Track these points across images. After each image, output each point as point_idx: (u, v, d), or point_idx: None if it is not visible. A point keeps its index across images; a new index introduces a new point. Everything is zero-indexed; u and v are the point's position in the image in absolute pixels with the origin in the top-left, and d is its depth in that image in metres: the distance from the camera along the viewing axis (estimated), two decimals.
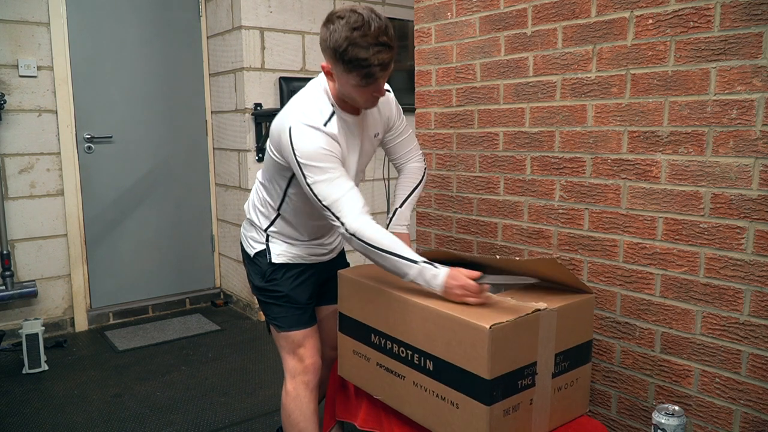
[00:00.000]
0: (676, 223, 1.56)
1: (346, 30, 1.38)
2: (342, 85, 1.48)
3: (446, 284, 1.38)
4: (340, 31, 1.38)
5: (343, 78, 1.46)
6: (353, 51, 1.38)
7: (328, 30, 1.42)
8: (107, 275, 3.56)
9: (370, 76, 1.41)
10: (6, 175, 3.15)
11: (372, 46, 1.38)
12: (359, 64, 1.39)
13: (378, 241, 1.44)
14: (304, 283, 1.73)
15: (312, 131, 1.48)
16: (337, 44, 1.39)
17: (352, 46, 1.37)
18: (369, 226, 1.46)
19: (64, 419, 2.41)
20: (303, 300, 1.72)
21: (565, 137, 1.80)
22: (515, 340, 1.28)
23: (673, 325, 1.59)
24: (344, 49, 1.38)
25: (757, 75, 1.38)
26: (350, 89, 1.47)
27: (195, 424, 2.36)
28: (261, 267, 1.72)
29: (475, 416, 1.26)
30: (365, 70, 1.39)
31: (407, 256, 1.43)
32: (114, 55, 3.49)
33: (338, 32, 1.39)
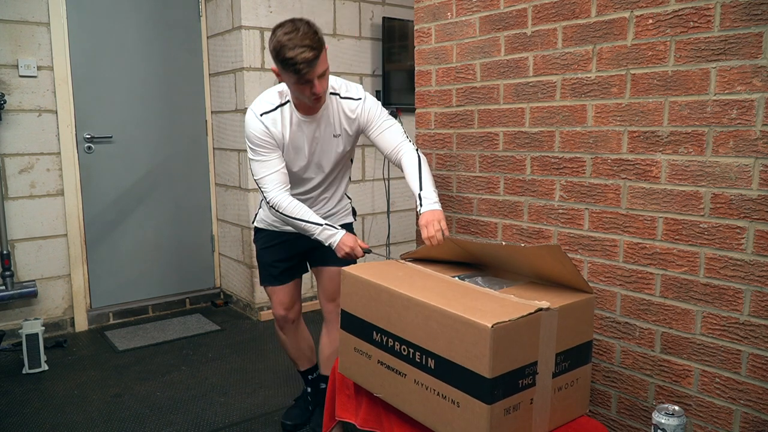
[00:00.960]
0: (676, 223, 1.56)
1: (280, 35, 1.70)
2: (286, 83, 1.81)
3: (338, 243, 1.84)
4: (277, 37, 1.71)
5: (284, 77, 1.77)
6: (283, 52, 1.69)
7: (272, 37, 1.73)
8: (107, 275, 3.57)
9: (298, 72, 1.69)
10: (6, 175, 3.15)
11: (297, 47, 1.68)
12: (288, 62, 1.69)
13: (291, 211, 1.86)
14: (271, 248, 2.13)
15: (254, 119, 1.88)
16: (274, 48, 1.71)
17: (282, 48, 1.69)
18: (285, 200, 1.87)
19: (64, 419, 2.41)
20: (268, 260, 2.15)
21: (565, 137, 1.80)
22: (517, 339, 1.28)
23: (673, 325, 1.59)
24: (278, 50, 1.70)
25: (757, 75, 1.38)
26: (292, 86, 1.79)
27: (195, 424, 2.37)
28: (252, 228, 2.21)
29: (475, 415, 1.27)
30: (293, 67, 1.68)
31: (313, 221, 1.86)
32: (114, 55, 3.49)
33: (275, 38, 1.71)
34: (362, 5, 3.89)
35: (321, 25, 3.65)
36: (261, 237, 2.16)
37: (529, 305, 1.34)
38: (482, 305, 1.36)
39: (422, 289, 1.47)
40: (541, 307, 1.32)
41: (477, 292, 1.46)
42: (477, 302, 1.38)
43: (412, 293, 1.44)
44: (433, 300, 1.38)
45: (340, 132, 1.98)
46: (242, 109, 3.48)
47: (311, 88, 1.75)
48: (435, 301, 1.38)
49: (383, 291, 1.51)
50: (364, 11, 3.91)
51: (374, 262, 1.72)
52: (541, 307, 1.32)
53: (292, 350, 2.27)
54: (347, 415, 1.72)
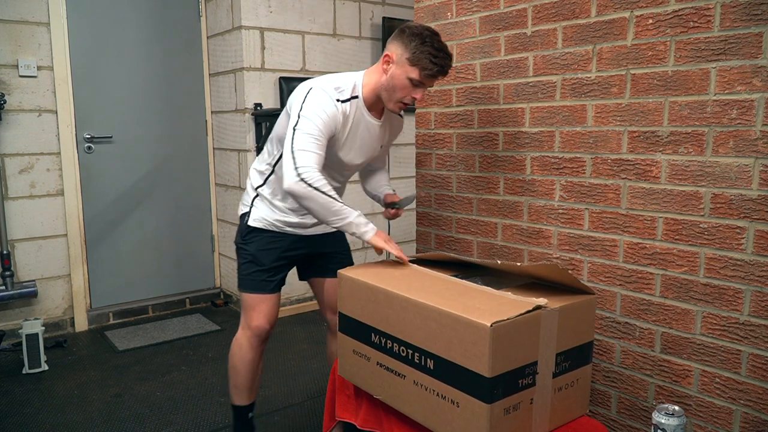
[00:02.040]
0: (676, 223, 1.56)
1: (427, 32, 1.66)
2: (395, 75, 1.69)
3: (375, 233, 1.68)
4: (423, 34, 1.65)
5: (402, 68, 1.67)
6: (428, 47, 1.63)
7: (412, 26, 1.69)
8: (107, 275, 3.57)
9: (430, 71, 1.65)
10: (6, 175, 3.15)
11: (442, 51, 1.66)
12: (429, 59, 1.63)
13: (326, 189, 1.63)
14: (271, 251, 1.92)
15: (327, 99, 1.70)
16: (422, 35, 1.64)
17: (428, 43, 1.64)
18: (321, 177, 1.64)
19: (64, 419, 2.41)
20: (266, 264, 1.91)
21: (565, 137, 1.80)
22: (516, 339, 1.28)
23: (673, 325, 1.59)
24: (425, 40, 1.64)
25: (757, 75, 1.38)
26: (401, 82, 1.68)
27: (195, 424, 2.37)
28: (241, 227, 1.95)
29: (475, 415, 1.27)
30: (430, 65, 1.64)
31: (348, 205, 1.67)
32: (114, 55, 3.49)
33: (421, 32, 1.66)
34: (362, 5, 3.89)
35: (321, 25, 3.68)
36: (258, 238, 1.92)
37: (528, 302, 1.33)
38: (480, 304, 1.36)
39: (420, 289, 1.47)
40: (539, 304, 1.32)
41: (475, 290, 1.46)
42: (475, 301, 1.38)
43: (410, 294, 1.44)
44: (431, 300, 1.38)
45: (384, 144, 1.95)
46: (242, 109, 3.48)
47: (416, 93, 1.70)
48: (433, 301, 1.38)
49: (380, 292, 1.51)
50: (364, 11, 3.91)
51: (371, 263, 1.72)
52: (539, 304, 1.32)
53: (251, 375, 1.97)
54: (347, 416, 1.72)
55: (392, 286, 1.51)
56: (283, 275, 1.98)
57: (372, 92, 1.77)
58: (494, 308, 1.32)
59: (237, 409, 2.01)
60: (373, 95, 1.77)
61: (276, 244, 1.92)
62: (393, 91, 1.71)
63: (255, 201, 1.93)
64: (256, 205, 1.93)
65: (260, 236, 1.92)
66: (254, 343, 1.93)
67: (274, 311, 1.95)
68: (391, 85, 1.70)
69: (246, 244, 1.93)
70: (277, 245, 1.93)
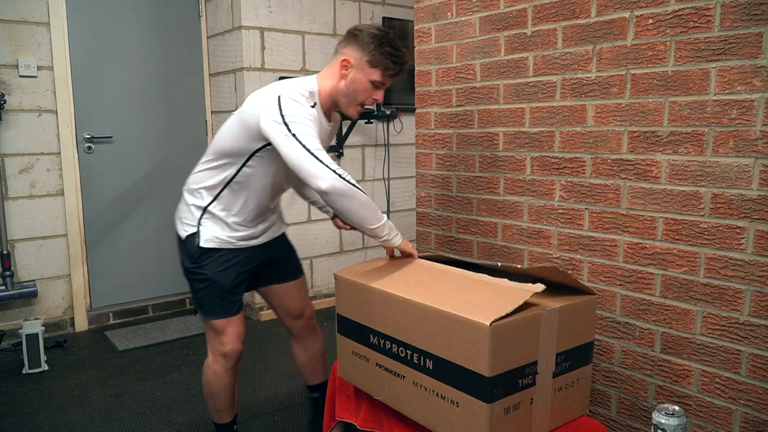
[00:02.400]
0: (676, 223, 1.56)
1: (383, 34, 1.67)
2: (356, 80, 1.68)
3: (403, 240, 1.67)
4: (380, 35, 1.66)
5: (363, 71, 1.67)
6: (387, 48, 1.65)
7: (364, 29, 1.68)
8: (107, 275, 3.56)
9: (391, 70, 1.67)
10: (6, 175, 3.15)
11: (400, 50, 1.68)
12: (390, 58, 1.65)
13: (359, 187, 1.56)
14: (229, 269, 1.81)
15: (303, 101, 1.64)
16: (378, 36, 1.65)
17: (389, 43, 1.65)
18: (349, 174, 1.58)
19: (64, 419, 2.41)
20: (227, 285, 1.80)
21: (565, 137, 1.80)
22: (516, 339, 1.28)
23: (673, 325, 1.59)
24: (382, 41, 1.64)
25: (757, 75, 1.38)
26: (362, 85, 1.68)
27: (195, 424, 2.36)
28: (190, 250, 1.81)
29: (475, 414, 1.27)
30: (392, 64, 1.66)
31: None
32: (114, 55, 3.49)
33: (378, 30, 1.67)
34: (362, 5, 3.89)
35: (321, 25, 3.68)
36: (213, 259, 1.79)
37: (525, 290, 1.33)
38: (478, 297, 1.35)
39: (417, 285, 1.47)
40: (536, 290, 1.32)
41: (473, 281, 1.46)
42: (473, 294, 1.37)
43: (408, 294, 1.43)
44: (428, 299, 1.38)
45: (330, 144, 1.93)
46: None
47: (377, 94, 1.71)
48: (431, 300, 1.37)
49: (377, 294, 1.51)
50: (364, 11, 3.91)
51: (365, 262, 1.72)
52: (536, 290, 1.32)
53: (230, 396, 1.93)
54: (347, 416, 1.72)
55: (389, 285, 1.50)
56: (243, 293, 1.89)
57: (328, 98, 1.73)
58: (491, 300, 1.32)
59: (222, 427, 1.99)
60: (329, 101, 1.74)
61: (233, 261, 1.82)
62: (354, 95, 1.70)
63: (203, 220, 1.81)
64: (205, 224, 1.80)
65: (215, 256, 1.80)
66: (229, 366, 1.86)
67: (243, 329, 1.88)
68: (352, 89, 1.69)
69: (200, 267, 1.80)
70: (235, 262, 1.82)
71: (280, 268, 1.99)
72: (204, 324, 1.88)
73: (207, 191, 1.80)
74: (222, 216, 1.80)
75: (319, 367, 2.16)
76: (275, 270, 1.98)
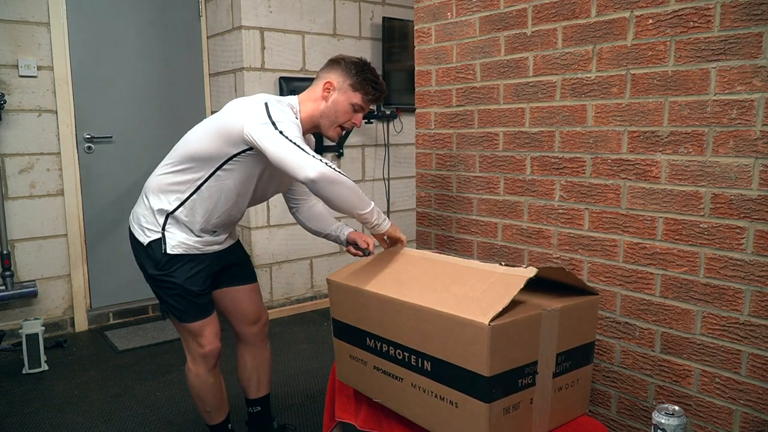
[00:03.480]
0: (676, 223, 1.56)
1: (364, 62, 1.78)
2: (338, 102, 1.76)
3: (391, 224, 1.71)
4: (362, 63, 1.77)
5: (345, 94, 1.76)
6: (368, 74, 1.76)
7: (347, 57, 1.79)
8: (107, 275, 3.56)
9: (371, 96, 1.76)
10: (6, 175, 3.15)
11: (380, 78, 1.80)
12: (371, 85, 1.75)
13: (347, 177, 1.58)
14: (197, 274, 1.82)
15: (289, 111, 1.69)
16: (360, 63, 1.76)
17: (368, 71, 1.76)
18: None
19: (64, 419, 2.41)
20: (196, 290, 1.81)
21: (565, 137, 1.80)
22: (516, 338, 1.27)
23: (673, 325, 1.59)
24: (364, 68, 1.76)
25: (757, 75, 1.38)
26: (343, 107, 1.76)
27: (195, 424, 2.36)
28: (156, 256, 1.80)
29: (475, 414, 1.26)
30: (372, 90, 1.75)
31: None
32: (114, 55, 3.49)
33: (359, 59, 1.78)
34: (362, 5, 3.89)
35: (321, 25, 3.68)
36: (180, 265, 1.79)
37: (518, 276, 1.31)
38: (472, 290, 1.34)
39: (410, 282, 1.46)
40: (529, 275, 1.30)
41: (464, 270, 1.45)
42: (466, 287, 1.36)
43: (402, 294, 1.42)
44: (423, 299, 1.37)
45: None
46: None
47: (357, 118, 1.79)
48: (426, 300, 1.36)
49: (372, 297, 1.51)
50: (364, 11, 3.91)
51: (356, 263, 1.71)
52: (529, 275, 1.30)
53: (218, 396, 1.95)
54: (347, 416, 1.72)
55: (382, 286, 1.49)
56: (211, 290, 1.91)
57: (308, 120, 1.78)
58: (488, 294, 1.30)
59: (216, 428, 2.00)
60: (308, 122, 1.79)
61: (200, 266, 1.82)
62: (335, 116, 1.77)
63: (167, 226, 1.79)
64: (170, 230, 1.79)
65: (182, 262, 1.79)
66: (211, 365, 1.88)
67: (218, 328, 1.89)
68: (333, 110, 1.76)
69: (168, 275, 1.79)
70: (201, 266, 1.83)
71: (237, 272, 1.99)
72: (177, 329, 1.88)
73: (173, 196, 1.79)
74: (187, 222, 1.79)
75: (264, 378, 2.12)
76: (234, 273, 1.98)
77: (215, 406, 1.95)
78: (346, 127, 1.81)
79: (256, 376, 2.09)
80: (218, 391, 1.94)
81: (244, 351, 2.08)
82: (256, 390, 2.12)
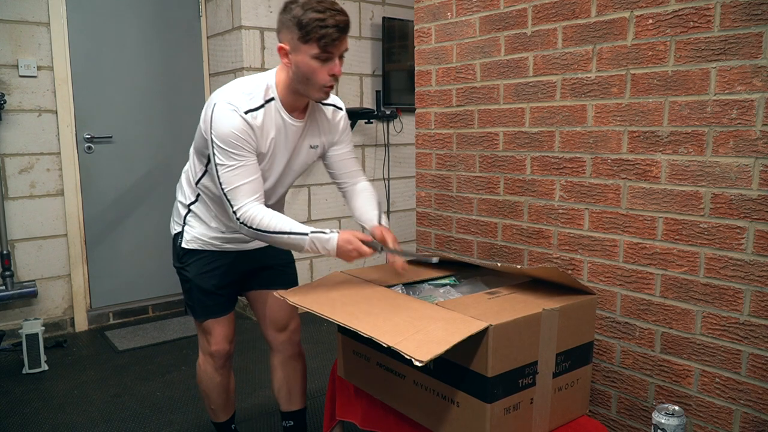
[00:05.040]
0: (676, 223, 1.56)
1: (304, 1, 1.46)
2: (299, 63, 1.49)
3: (339, 247, 1.49)
4: (301, 3, 1.45)
5: (301, 52, 1.48)
6: (311, 14, 1.42)
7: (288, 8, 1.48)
8: (107, 275, 3.56)
9: (327, 37, 1.44)
10: (6, 175, 3.15)
11: (328, 10, 1.44)
12: (317, 25, 1.42)
13: (270, 224, 1.51)
14: (212, 272, 1.76)
15: (232, 114, 1.51)
16: (296, 13, 1.44)
17: (309, 11, 1.43)
18: (260, 212, 1.52)
19: (64, 419, 2.41)
20: (208, 287, 1.76)
21: (565, 137, 1.80)
22: (516, 339, 1.28)
23: (673, 325, 1.59)
24: (302, 14, 1.43)
25: (757, 75, 1.38)
26: (308, 65, 1.48)
27: (195, 424, 2.36)
28: (175, 249, 1.81)
29: (475, 414, 1.27)
30: (323, 30, 1.43)
31: (297, 231, 1.50)
32: (114, 55, 3.49)
33: (298, 3, 1.46)
34: (362, 5, 3.89)
35: None
36: (195, 260, 1.76)
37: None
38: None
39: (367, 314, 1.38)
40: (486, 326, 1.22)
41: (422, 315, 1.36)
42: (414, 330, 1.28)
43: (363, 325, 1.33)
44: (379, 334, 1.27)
45: (318, 143, 1.72)
46: None
47: (332, 68, 1.50)
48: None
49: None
50: (364, 11, 3.91)
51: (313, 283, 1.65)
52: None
53: (222, 395, 1.92)
54: (348, 415, 1.72)
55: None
56: (230, 293, 1.83)
57: (287, 90, 1.58)
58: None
59: (219, 426, 2.00)
60: (289, 93, 1.58)
61: (216, 264, 1.76)
62: (307, 79, 1.51)
63: (188, 218, 1.77)
64: (190, 223, 1.76)
65: (197, 258, 1.76)
66: (218, 365, 1.85)
67: (230, 330, 1.84)
68: (301, 74, 1.51)
69: (183, 268, 1.78)
70: (218, 265, 1.76)
71: (270, 275, 1.86)
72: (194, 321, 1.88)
73: (190, 189, 1.76)
74: (203, 216, 1.74)
75: (297, 390, 1.96)
76: (266, 276, 1.86)
77: (219, 405, 1.94)
78: (327, 83, 1.53)
79: (285, 386, 1.95)
80: (223, 392, 1.92)
81: (274, 359, 1.96)
82: (287, 402, 1.97)
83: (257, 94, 1.56)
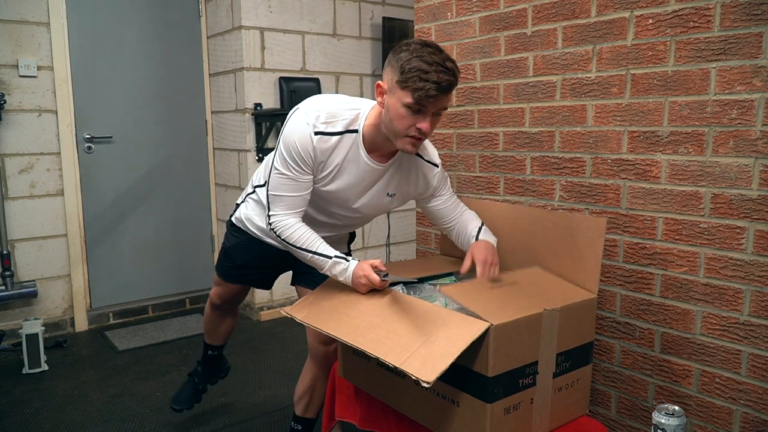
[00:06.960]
0: (676, 223, 1.56)
1: (416, 46, 1.37)
2: (390, 105, 1.41)
3: (353, 277, 1.50)
4: (413, 48, 1.37)
5: (395, 96, 1.39)
6: (415, 62, 1.34)
7: (400, 44, 1.41)
8: (107, 275, 3.56)
9: (423, 91, 1.34)
10: (6, 175, 3.15)
11: (435, 64, 1.34)
12: (418, 76, 1.33)
13: (296, 239, 1.54)
14: (245, 250, 1.86)
15: (305, 127, 1.47)
16: (404, 56, 1.37)
17: (416, 58, 1.34)
18: (292, 225, 1.55)
19: (64, 419, 2.41)
20: (236, 261, 1.90)
21: (565, 137, 1.80)
22: (517, 339, 1.28)
23: (673, 325, 1.59)
24: (408, 59, 1.35)
25: (757, 75, 1.38)
26: (397, 111, 1.39)
27: (195, 424, 2.36)
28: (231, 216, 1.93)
29: (475, 414, 1.27)
30: (421, 83, 1.33)
31: (322, 252, 1.53)
32: (114, 55, 3.49)
33: (410, 48, 1.37)
34: (362, 5, 3.89)
35: (321, 25, 3.68)
36: (236, 235, 1.85)
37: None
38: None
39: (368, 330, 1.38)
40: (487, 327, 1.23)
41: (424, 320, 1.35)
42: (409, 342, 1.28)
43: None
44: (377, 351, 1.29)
45: (397, 193, 1.64)
46: (242, 109, 3.48)
47: (420, 122, 1.39)
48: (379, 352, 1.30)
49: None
50: (364, 11, 3.91)
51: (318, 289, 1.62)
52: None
53: (211, 325, 2.19)
54: (347, 415, 1.72)
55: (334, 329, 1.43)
56: (249, 275, 1.92)
57: (373, 129, 1.49)
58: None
59: (205, 345, 2.28)
60: (374, 133, 1.49)
61: (252, 248, 1.81)
62: (392, 124, 1.41)
63: (248, 197, 1.83)
64: (248, 201, 1.82)
65: (239, 235, 1.85)
66: (213, 305, 2.09)
67: (229, 295, 2.02)
68: (389, 117, 1.42)
69: (227, 234, 1.93)
70: (252, 248, 1.82)
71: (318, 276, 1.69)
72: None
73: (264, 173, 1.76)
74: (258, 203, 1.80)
75: (316, 402, 1.92)
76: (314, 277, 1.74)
77: (208, 330, 2.21)
78: (412, 135, 1.42)
79: (308, 395, 1.91)
80: (210, 323, 2.17)
81: (309, 367, 1.90)
82: (304, 410, 1.94)
83: (341, 120, 1.49)
